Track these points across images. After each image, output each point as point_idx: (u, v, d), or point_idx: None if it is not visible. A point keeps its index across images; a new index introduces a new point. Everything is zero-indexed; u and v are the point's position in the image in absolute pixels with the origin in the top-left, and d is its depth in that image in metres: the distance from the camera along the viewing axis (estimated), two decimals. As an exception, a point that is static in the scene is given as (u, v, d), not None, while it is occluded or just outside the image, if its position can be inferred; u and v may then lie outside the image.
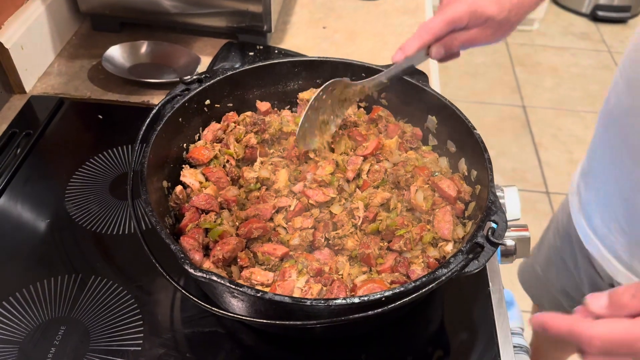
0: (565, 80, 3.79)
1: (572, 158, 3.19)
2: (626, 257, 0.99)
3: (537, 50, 4.05)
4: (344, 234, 0.90)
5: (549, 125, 3.43)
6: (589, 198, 1.07)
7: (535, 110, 3.53)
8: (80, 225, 1.04)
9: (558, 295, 1.39)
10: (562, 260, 1.33)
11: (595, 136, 1.11)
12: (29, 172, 1.14)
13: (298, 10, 1.63)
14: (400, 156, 1.00)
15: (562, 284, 1.36)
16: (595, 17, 4.30)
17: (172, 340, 0.88)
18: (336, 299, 0.70)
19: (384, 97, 1.09)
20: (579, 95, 3.67)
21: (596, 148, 1.09)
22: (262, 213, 0.91)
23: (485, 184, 0.88)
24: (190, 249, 0.83)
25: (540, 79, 3.78)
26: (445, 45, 0.91)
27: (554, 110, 3.55)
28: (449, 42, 0.91)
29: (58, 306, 0.92)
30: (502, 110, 3.52)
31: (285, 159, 1.02)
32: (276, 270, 0.86)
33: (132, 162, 0.88)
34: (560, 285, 1.37)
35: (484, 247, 0.76)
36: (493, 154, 3.32)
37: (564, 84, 3.76)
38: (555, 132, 3.39)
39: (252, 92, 1.09)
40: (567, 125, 3.43)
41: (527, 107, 3.55)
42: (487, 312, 0.94)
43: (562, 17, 4.40)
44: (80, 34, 1.50)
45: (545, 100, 3.61)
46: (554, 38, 4.18)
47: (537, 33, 4.21)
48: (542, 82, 3.76)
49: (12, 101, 1.30)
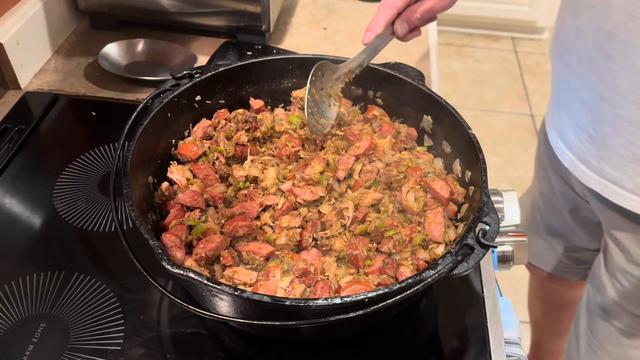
0: (575, 90, 3.74)
1: (581, 168, 3.14)
2: (595, 162, 1.08)
3: (547, 59, 3.96)
4: (332, 234, 0.87)
5: (558, 135, 3.38)
6: (562, 120, 1.19)
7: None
8: (67, 222, 1.02)
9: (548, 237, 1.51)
10: (543, 196, 1.47)
11: (554, 69, 1.24)
12: (19, 167, 1.12)
13: (299, 11, 1.62)
14: (393, 156, 0.97)
15: (545, 222, 1.49)
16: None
17: (153, 340, 0.86)
18: (317, 299, 0.67)
19: (379, 96, 1.07)
20: (589, 105, 3.62)
21: (558, 76, 1.22)
22: (249, 211, 0.89)
23: (478, 185, 0.85)
24: (172, 246, 0.81)
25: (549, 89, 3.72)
26: (408, 19, 0.96)
27: (562, 119, 3.50)
28: (410, 16, 0.96)
29: (39, 303, 0.90)
30: (510, 118, 3.48)
31: (275, 157, 1.00)
32: (261, 270, 0.83)
33: (116, 156, 0.86)
34: (545, 222, 1.50)
35: (474, 249, 0.73)
36: (500, 163, 3.30)
37: (573, 93, 3.71)
38: (564, 142, 3.33)
39: (245, 90, 1.07)
40: (576, 135, 3.38)
41: (536, 116, 3.50)
42: (480, 319, 0.91)
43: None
44: (78, 32, 1.49)
45: (554, 110, 3.56)
46: (563, 47, 4.13)
47: (547, 42, 4.17)
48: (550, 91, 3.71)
49: (6, 97, 1.29)
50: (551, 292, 1.71)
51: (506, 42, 4.12)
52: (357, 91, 1.08)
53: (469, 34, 4.15)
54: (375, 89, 1.06)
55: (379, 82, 1.05)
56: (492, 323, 0.90)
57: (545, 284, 1.69)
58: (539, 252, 1.57)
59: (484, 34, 4.14)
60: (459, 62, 3.90)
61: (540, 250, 1.57)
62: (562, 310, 1.73)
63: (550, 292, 1.71)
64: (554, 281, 1.63)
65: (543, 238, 1.53)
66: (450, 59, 3.92)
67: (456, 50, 4.01)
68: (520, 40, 4.14)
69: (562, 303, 1.71)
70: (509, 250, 1.07)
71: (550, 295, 1.73)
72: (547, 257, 1.56)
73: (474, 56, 3.96)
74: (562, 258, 1.53)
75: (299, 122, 1.04)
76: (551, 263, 1.56)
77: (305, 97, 0.93)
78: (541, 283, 1.71)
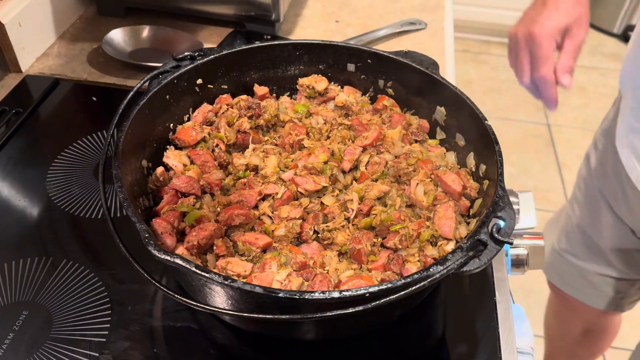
0: (593, 100, 3.65)
1: (598, 180, 3.05)
2: None
3: (564, 69, 3.92)
4: (335, 227, 0.81)
5: (574, 146, 3.30)
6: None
7: (560, 129, 3.40)
8: (59, 207, 0.98)
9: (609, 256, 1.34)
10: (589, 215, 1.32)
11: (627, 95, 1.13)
12: (14, 150, 1.08)
13: (311, 3, 1.57)
14: (403, 148, 0.91)
15: (612, 242, 1.31)
16: (626, 38, 4.16)
17: (140, 333, 0.81)
18: (313, 292, 0.61)
19: (390, 85, 1.01)
20: (607, 116, 3.54)
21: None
22: (247, 199, 0.84)
23: (494, 179, 0.79)
24: (163, 232, 0.76)
25: (566, 98, 3.65)
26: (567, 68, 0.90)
27: (580, 130, 3.42)
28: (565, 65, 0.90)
29: (23, 289, 0.85)
30: (525, 127, 3.40)
31: (278, 147, 0.95)
32: (257, 263, 0.78)
33: (108, 136, 0.81)
34: (586, 246, 1.36)
35: (487, 245, 0.67)
36: (514, 172, 3.22)
37: (591, 104, 3.63)
38: (581, 152, 3.22)
39: (250, 75, 1.02)
40: (594, 146, 3.30)
41: (552, 126, 3.42)
42: (492, 324, 0.84)
43: (592, 36, 4.27)
44: (85, 18, 1.46)
45: (571, 120, 3.48)
46: (582, 57, 4.00)
47: (566, 52, 4.09)
48: (569, 101, 3.63)
49: (6, 79, 1.25)
50: (576, 317, 1.56)
51: (524, 50, 4.05)
52: (367, 80, 1.03)
53: (486, 42, 4.08)
54: (386, 78, 1.01)
55: (390, 71, 0.99)
56: (504, 329, 0.84)
57: (570, 308, 1.55)
58: (569, 278, 1.44)
59: (501, 42, 4.07)
60: (475, 69, 3.84)
61: (571, 276, 1.43)
62: (587, 335, 1.59)
63: (575, 317, 1.57)
64: (582, 308, 1.49)
65: (577, 262, 1.40)
66: (466, 66, 3.85)
67: (473, 57, 3.94)
68: (539, 49, 4.06)
69: (587, 329, 1.58)
70: (523, 253, 1.00)
71: (574, 320, 1.58)
72: (578, 284, 1.43)
73: (491, 63, 3.89)
74: (598, 286, 1.39)
75: (305, 111, 0.99)
76: (583, 290, 1.43)
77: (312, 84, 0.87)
78: (565, 306, 1.57)
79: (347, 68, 1.03)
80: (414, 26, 1.47)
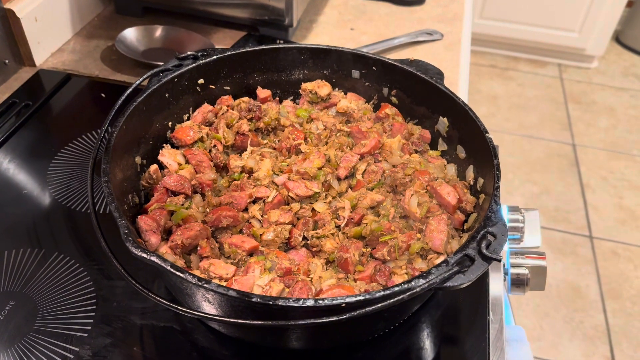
0: (622, 122, 3.56)
1: (622, 204, 2.96)
2: None
3: (594, 89, 3.83)
4: (324, 234, 0.79)
5: (600, 167, 3.21)
6: None
7: (585, 150, 3.32)
8: (56, 200, 0.98)
9: None
10: None
11: None
12: (20, 141, 1.09)
13: (327, 10, 1.56)
14: (401, 158, 0.89)
15: None
16: (660, 60, 4.05)
17: (121, 330, 0.80)
18: (287, 299, 0.59)
19: (394, 94, 0.99)
20: (636, 138, 3.43)
21: None
22: (237, 201, 0.82)
23: (489, 193, 0.76)
24: (147, 229, 0.75)
25: (594, 118, 3.57)
26: None
27: (606, 151, 3.32)
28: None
29: (13, 279, 0.85)
30: (550, 146, 3.32)
31: (276, 150, 0.94)
32: (242, 266, 0.77)
33: (103, 129, 0.81)
34: None
35: (474, 261, 0.64)
36: (536, 191, 3.15)
37: (620, 125, 3.53)
38: (606, 174, 3.16)
39: (253, 77, 1.01)
40: (620, 169, 3.20)
41: (578, 146, 3.34)
42: (482, 345, 0.81)
43: (624, 57, 4.17)
44: (102, 16, 1.48)
45: (597, 141, 3.39)
46: (613, 78, 3.95)
47: (596, 71, 4.00)
48: (596, 122, 3.54)
49: (20, 73, 1.27)
50: None
51: (552, 68, 3.97)
52: (371, 87, 1.01)
53: (514, 58, 4.02)
54: (391, 86, 0.99)
55: (394, 79, 0.98)
56: (495, 350, 0.80)
57: None
58: None
59: (529, 59, 4.01)
60: (501, 85, 3.78)
61: None
62: None
63: None
64: None
65: None
66: (492, 82, 3.80)
67: (499, 73, 3.88)
68: (568, 67, 3.98)
69: None
70: (524, 273, 0.97)
71: None
72: None
73: (518, 80, 3.83)
74: None
75: (307, 117, 0.98)
76: None
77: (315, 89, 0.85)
78: None
79: (351, 74, 1.01)
80: (429, 37, 1.45)
